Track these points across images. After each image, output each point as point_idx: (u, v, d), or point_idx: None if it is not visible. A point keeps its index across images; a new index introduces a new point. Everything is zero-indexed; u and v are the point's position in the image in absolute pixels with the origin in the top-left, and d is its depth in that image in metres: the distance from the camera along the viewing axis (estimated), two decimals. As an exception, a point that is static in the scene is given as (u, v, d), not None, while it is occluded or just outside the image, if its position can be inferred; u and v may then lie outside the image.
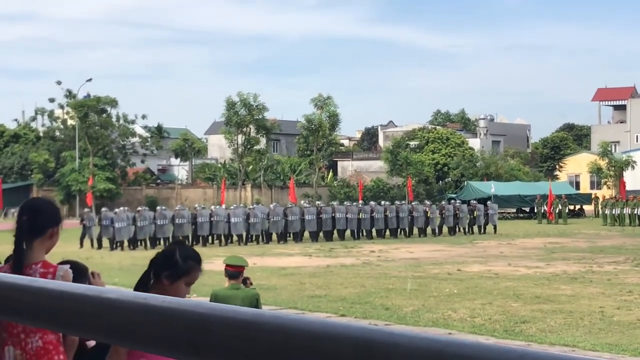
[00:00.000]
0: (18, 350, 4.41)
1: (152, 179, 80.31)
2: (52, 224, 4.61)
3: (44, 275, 4.45)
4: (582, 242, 36.15)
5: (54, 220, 4.64)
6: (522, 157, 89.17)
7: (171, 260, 4.34)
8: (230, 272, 9.44)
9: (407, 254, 30.45)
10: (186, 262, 4.37)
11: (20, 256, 4.57)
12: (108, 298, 1.35)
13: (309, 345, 1.10)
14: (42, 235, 4.58)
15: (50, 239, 4.61)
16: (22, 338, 4.40)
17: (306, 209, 39.15)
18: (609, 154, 69.15)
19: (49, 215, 4.65)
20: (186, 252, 4.49)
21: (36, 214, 4.63)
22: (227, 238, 37.41)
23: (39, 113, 75.95)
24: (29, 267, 4.51)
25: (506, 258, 28.43)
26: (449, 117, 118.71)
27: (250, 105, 68.72)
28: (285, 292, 19.71)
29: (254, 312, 1.18)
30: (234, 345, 1.16)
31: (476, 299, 17.86)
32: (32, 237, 4.57)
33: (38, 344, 4.38)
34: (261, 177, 74.33)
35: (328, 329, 1.10)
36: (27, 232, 4.57)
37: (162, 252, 4.50)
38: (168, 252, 4.48)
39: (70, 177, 65.09)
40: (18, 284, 1.53)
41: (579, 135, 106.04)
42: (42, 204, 4.91)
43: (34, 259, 4.56)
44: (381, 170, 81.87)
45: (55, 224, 4.63)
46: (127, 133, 71.93)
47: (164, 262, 4.35)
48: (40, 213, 4.65)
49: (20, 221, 4.61)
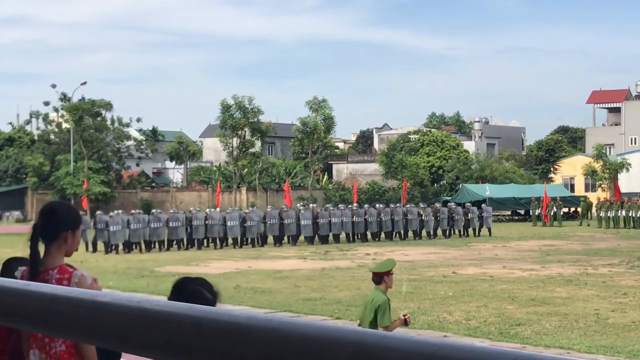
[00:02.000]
0: (43, 355, 4.45)
1: (147, 182, 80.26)
2: (67, 227, 4.57)
3: (59, 281, 4.44)
4: (577, 245, 36.19)
5: (70, 224, 4.61)
6: (517, 159, 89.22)
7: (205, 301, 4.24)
8: (374, 278, 9.54)
9: (402, 257, 30.45)
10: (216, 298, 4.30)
11: (36, 260, 4.53)
12: (102, 302, 1.35)
13: (302, 348, 1.10)
14: (57, 239, 4.55)
15: (65, 243, 4.57)
16: (46, 342, 4.42)
17: (302, 214, 39.11)
18: (604, 157, 69.18)
19: (64, 219, 4.62)
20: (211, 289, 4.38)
21: (51, 218, 4.62)
22: (222, 241, 37.41)
23: (33, 116, 75.96)
24: (45, 272, 4.50)
25: (501, 261, 28.45)
26: (444, 119, 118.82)
27: (245, 108, 68.73)
28: (280, 295, 19.69)
29: (247, 316, 1.18)
30: (228, 349, 1.16)
31: (471, 302, 17.87)
32: (48, 241, 4.56)
33: (61, 348, 4.41)
34: (256, 180, 74.32)
35: (321, 332, 1.10)
36: (41, 236, 4.54)
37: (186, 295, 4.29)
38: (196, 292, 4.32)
39: (65, 180, 65.00)
40: (12, 288, 1.53)
41: (574, 138, 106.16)
42: (58, 207, 4.89)
43: (51, 264, 4.54)
44: (376, 173, 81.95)
45: (71, 228, 4.59)
46: (122, 136, 71.90)
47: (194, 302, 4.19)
48: (55, 217, 4.63)
49: (36, 225, 4.59)
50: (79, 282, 4.45)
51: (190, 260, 29.78)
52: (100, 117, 68.69)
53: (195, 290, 4.24)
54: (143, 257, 31.59)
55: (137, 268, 26.92)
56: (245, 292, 19.52)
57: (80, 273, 4.52)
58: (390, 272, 9.45)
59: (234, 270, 25.57)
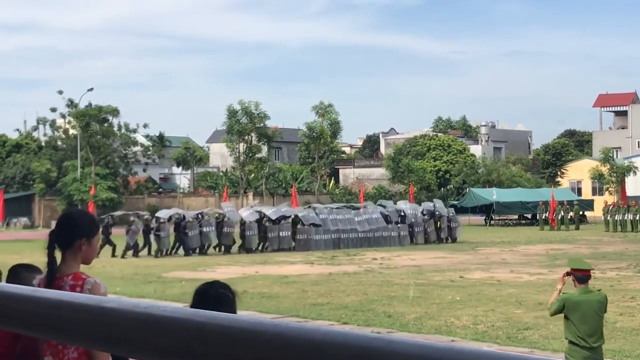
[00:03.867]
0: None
1: (154, 188, 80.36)
2: (82, 235, 4.59)
3: (73, 287, 4.47)
4: (585, 249, 36.12)
5: (85, 232, 4.62)
6: (523, 163, 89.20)
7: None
8: (579, 276, 9.23)
9: (409, 262, 30.43)
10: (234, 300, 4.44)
11: (52, 268, 4.58)
12: (109, 307, 1.35)
13: (308, 353, 1.10)
14: (72, 246, 4.58)
15: (81, 251, 4.59)
16: (60, 349, 4.45)
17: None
18: (611, 160, 69.10)
19: (79, 227, 4.63)
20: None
21: (66, 226, 4.66)
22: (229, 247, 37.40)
23: (40, 123, 76.05)
24: (60, 279, 4.54)
25: (508, 265, 28.41)
26: (451, 124, 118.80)
27: (251, 114, 68.85)
28: (287, 300, 19.69)
29: (253, 321, 1.18)
30: (234, 354, 1.16)
31: (479, 306, 17.84)
32: (63, 248, 4.60)
33: (73, 355, 4.43)
34: (263, 185, 74.37)
35: (328, 337, 1.10)
36: (57, 243, 4.60)
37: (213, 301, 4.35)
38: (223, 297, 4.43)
39: (72, 186, 65.13)
40: (18, 294, 1.53)
41: (581, 142, 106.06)
42: (74, 215, 4.93)
43: (66, 271, 4.57)
44: (383, 177, 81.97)
45: (86, 236, 4.61)
46: (129, 142, 72.03)
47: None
48: (70, 224, 4.66)
49: (52, 232, 4.66)
50: (91, 289, 4.47)
51: (197, 266, 29.79)
52: (107, 123, 68.84)
53: (220, 293, 4.39)
54: (150, 263, 31.62)
55: (144, 274, 26.94)
56: (252, 298, 19.51)
57: (93, 280, 4.54)
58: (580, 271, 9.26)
59: (241, 275, 25.58)
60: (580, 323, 8.95)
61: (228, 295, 4.40)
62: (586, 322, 8.97)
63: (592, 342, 8.92)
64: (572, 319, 9.03)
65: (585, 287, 9.14)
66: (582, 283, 9.14)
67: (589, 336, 8.93)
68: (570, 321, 9.04)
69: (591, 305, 9.00)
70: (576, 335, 8.97)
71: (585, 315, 8.99)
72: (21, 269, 5.30)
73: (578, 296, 9.11)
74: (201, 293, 4.42)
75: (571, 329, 9.04)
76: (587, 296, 9.10)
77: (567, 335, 9.17)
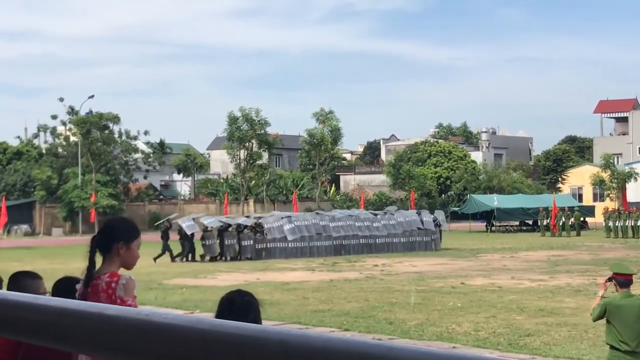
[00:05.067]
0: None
1: (154, 195, 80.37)
2: (119, 240, 4.83)
3: (108, 283, 4.73)
4: (586, 255, 36.09)
5: (123, 237, 4.86)
6: (524, 169, 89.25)
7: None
8: (621, 280, 9.12)
9: (410, 268, 30.41)
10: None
11: (90, 270, 4.82)
12: (110, 315, 1.35)
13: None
14: (110, 250, 4.84)
15: (118, 255, 4.85)
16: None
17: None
18: (612, 166, 69.08)
19: (117, 232, 4.89)
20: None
21: (104, 231, 4.96)
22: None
23: (41, 130, 76.11)
24: (98, 278, 4.78)
25: (510, 271, 28.38)
26: (451, 130, 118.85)
27: (252, 120, 68.87)
28: (288, 307, 19.67)
29: (255, 328, 1.18)
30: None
31: (480, 312, 17.82)
32: (102, 253, 4.86)
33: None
34: (264, 191, 74.38)
35: (329, 344, 1.10)
36: (98, 248, 4.86)
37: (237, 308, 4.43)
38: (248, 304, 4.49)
39: (73, 193, 65.15)
40: (20, 301, 1.53)
41: (581, 148, 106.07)
42: (114, 221, 5.22)
43: (104, 271, 4.82)
44: (384, 184, 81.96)
45: (124, 240, 4.84)
46: (130, 149, 72.08)
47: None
48: (108, 230, 4.95)
49: (93, 237, 4.93)
50: (126, 283, 4.75)
51: (198, 273, 29.78)
52: (108, 130, 68.91)
53: (246, 301, 4.46)
54: (151, 270, 31.60)
55: (145, 280, 26.88)
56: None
57: (128, 276, 4.80)
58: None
59: (242, 282, 25.55)
60: (621, 327, 8.93)
61: (254, 302, 4.49)
62: (628, 326, 8.93)
63: (634, 346, 8.90)
64: (613, 323, 9.02)
65: (627, 292, 9.10)
66: (624, 287, 9.12)
67: (631, 340, 8.90)
68: (612, 325, 9.02)
69: (633, 310, 8.97)
70: (617, 339, 8.94)
71: (627, 319, 8.95)
72: (22, 276, 5.31)
73: (620, 300, 9.06)
74: (228, 301, 4.47)
75: (613, 333, 9.02)
76: (629, 300, 9.05)
77: (609, 340, 9.13)
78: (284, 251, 37.29)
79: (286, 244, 37.61)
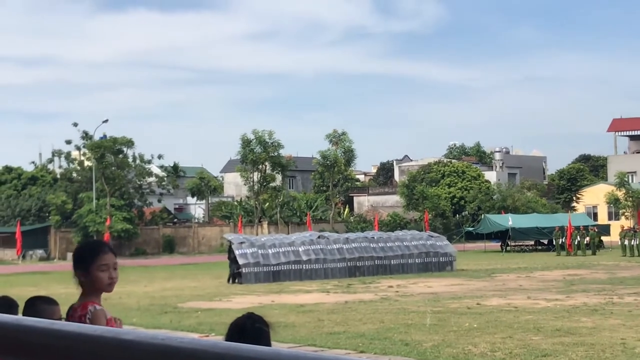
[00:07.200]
0: None
1: (169, 218, 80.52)
2: (74, 269, 4.81)
3: (80, 315, 4.73)
4: (602, 274, 35.88)
5: (76, 267, 4.83)
6: (538, 189, 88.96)
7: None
8: None
9: (425, 289, 30.30)
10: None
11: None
12: (126, 339, 1.35)
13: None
14: (75, 278, 4.87)
15: (81, 282, 4.81)
16: None
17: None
18: (626, 185, 68.82)
19: (73, 263, 4.84)
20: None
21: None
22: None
23: (55, 155, 76.48)
24: (74, 310, 4.83)
25: (525, 291, 28.24)
26: (465, 150, 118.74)
27: (265, 143, 69.03)
28: (303, 329, 19.61)
29: (271, 351, 1.18)
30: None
31: (496, 333, 17.72)
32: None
33: None
34: (277, 214, 74.38)
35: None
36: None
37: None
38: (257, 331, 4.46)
39: (88, 218, 65.35)
40: (36, 327, 1.53)
41: (596, 166, 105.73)
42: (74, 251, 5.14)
43: (78, 301, 4.84)
44: (397, 204, 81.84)
45: (77, 270, 4.77)
46: (144, 173, 72.30)
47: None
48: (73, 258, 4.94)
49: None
50: (92, 317, 4.64)
51: (213, 296, 29.74)
52: (122, 154, 69.17)
53: (257, 328, 4.42)
54: (165, 294, 31.59)
55: (160, 304, 26.90)
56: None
57: (93, 308, 4.68)
58: None
59: (257, 305, 25.51)
60: None
61: (264, 329, 4.45)
62: None
63: None
64: None
65: None
66: None
67: None
68: None
69: None
70: None
71: None
72: (38, 301, 5.32)
73: None
74: (238, 327, 4.41)
75: None
76: None
77: None
78: (298, 273, 37.27)
79: (301, 265, 37.60)
